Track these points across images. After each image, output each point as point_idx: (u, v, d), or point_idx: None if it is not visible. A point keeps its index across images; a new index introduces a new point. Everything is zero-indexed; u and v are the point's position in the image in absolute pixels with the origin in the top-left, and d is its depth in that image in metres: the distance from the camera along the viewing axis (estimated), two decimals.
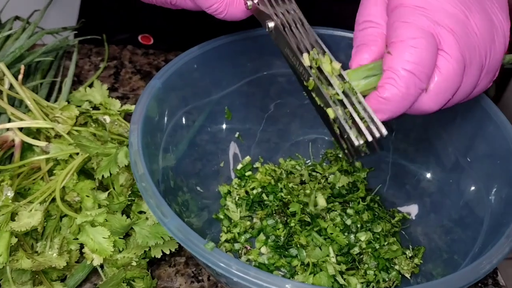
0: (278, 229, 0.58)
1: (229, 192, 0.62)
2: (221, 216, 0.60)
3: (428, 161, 0.59)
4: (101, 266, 0.51)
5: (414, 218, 0.59)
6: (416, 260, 0.55)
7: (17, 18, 0.77)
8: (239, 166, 0.65)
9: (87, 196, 0.51)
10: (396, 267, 0.55)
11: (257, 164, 0.66)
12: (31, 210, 0.49)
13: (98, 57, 0.81)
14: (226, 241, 0.58)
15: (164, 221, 0.38)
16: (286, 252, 0.56)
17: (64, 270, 0.51)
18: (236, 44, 0.57)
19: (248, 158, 0.65)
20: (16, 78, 0.59)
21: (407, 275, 0.54)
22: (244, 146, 0.65)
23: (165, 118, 0.52)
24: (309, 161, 0.67)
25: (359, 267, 0.55)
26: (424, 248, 0.56)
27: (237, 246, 0.58)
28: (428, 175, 0.59)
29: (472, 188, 0.51)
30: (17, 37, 0.71)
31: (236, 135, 0.64)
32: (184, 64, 0.54)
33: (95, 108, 0.65)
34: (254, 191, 0.62)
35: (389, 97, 0.36)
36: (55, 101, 0.69)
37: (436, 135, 0.57)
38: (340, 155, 0.66)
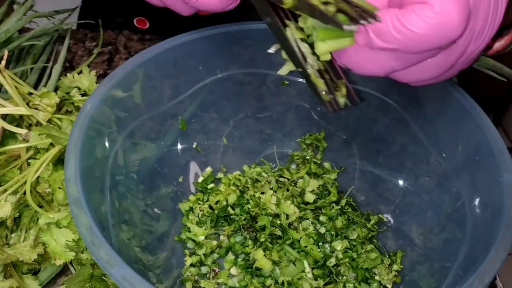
0: (248, 246, 0.54)
1: (191, 209, 0.57)
2: (184, 237, 0.55)
3: (402, 167, 0.55)
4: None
5: (392, 222, 0.56)
6: (395, 267, 0.52)
7: (13, 2, 0.72)
8: (200, 179, 0.60)
9: (59, 188, 0.49)
10: (377, 277, 0.51)
11: (219, 175, 0.61)
12: (0, 201, 0.47)
13: (92, 42, 0.78)
14: (192, 265, 0.53)
15: (111, 272, 0.32)
16: (258, 272, 0.52)
17: (35, 264, 0.48)
18: (185, 46, 0.52)
19: (209, 169, 0.60)
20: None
21: (389, 286, 0.51)
22: (204, 157, 0.60)
23: (111, 138, 0.46)
24: (275, 165, 0.63)
25: (337, 280, 0.51)
26: (401, 252, 0.53)
27: (204, 269, 0.53)
28: (401, 182, 0.56)
29: (452, 194, 0.48)
30: (8, 20, 0.67)
31: (194, 146, 0.59)
32: (128, 74, 0.48)
33: (85, 95, 0.62)
34: (219, 205, 0.57)
35: (409, 30, 0.31)
36: (45, 86, 0.65)
37: (410, 138, 0.53)
38: (308, 157, 0.62)
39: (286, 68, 0.41)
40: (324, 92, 0.38)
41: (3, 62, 0.57)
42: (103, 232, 0.36)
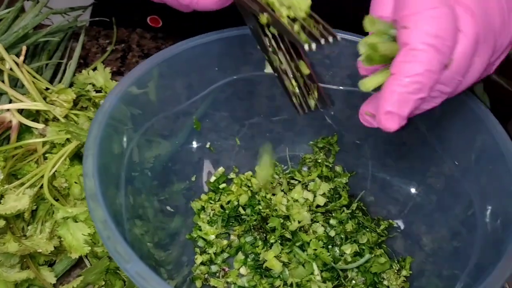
0: (257, 246, 0.54)
1: (202, 208, 0.58)
2: (195, 236, 0.56)
3: (414, 173, 0.56)
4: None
5: (402, 228, 0.56)
6: (404, 272, 0.52)
7: None
8: (212, 179, 0.60)
9: (75, 183, 0.50)
10: (385, 282, 0.51)
11: (231, 175, 0.61)
12: (18, 194, 0.48)
13: (106, 39, 0.80)
14: (202, 263, 0.54)
15: (126, 267, 0.33)
16: (267, 272, 0.52)
17: (51, 256, 0.49)
18: (200, 47, 0.53)
19: (221, 169, 0.61)
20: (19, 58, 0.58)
21: None
22: (217, 156, 0.60)
23: (128, 135, 0.47)
24: (286, 167, 0.63)
25: (346, 284, 0.52)
26: (410, 258, 0.53)
27: (214, 268, 0.53)
28: (412, 188, 0.56)
29: (464, 202, 0.48)
30: (24, 16, 0.69)
31: (207, 146, 0.59)
32: (146, 73, 0.49)
33: (99, 91, 0.64)
34: (230, 205, 0.58)
35: (411, 79, 0.32)
36: (60, 82, 0.68)
37: (424, 145, 0.53)
38: (320, 160, 0.62)
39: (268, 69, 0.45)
40: (295, 96, 0.42)
41: (22, 57, 0.58)
42: (118, 227, 0.37)
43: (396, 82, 0.33)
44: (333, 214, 0.57)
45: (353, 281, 0.52)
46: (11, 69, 0.58)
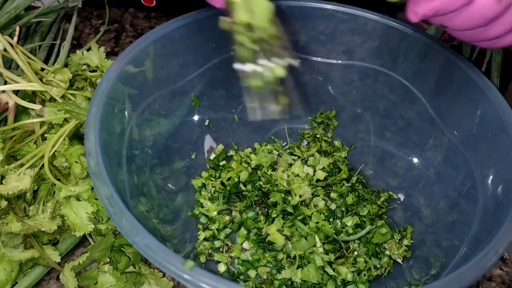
0: (260, 221, 0.55)
1: (203, 185, 0.58)
2: (197, 213, 0.56)
3: (413, 144, 0.56)
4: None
5: (401, 199, 0.56)
6: (405, 242, 0.53)
7: None
8: (212, 156, 0.60)
9: (76, 162, 0.50)
10: (387, 252, 0.52)
11: (231, 152, 0.61)
12: (19, 174, 0.48)
13: (98, 20, 0.79)
14: (205, 239, 0.54)
15: (134, 240, 0.33)
16: (270, 246, 0.53)
17: (55, 234, 0.50)
18: (196, 23, 0.52)
19: (221, 146, 0.61)
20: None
21: (399, 260, 0.52)
22: (216, 134, 0.60)
23: (126, 114, 0.47)
24: (285, 143, 0.63)
25: (348, 255, 0.52)
26: (411, 228, 0.54)
27: (217, 243, 0.54)
28: (412, 158, 0.56)
29: (464, 171, 0.48)
30: None
31: (206, 123, 0.59)
32: (141, 51, 0.49)
33: (94, 71, 0.64)
34: (231, 182, 0.58)
35: None
36: (54, 64, 0.67)
37: (421, 115, 0.54)
38: (318, 135, 0.62)
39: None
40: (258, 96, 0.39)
41: (15, 38, 0.57)
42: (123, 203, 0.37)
43: None
44: (334, 188, 0.57)
45: (355, 252, 0.52)
46: (5, 49, 0.57)
